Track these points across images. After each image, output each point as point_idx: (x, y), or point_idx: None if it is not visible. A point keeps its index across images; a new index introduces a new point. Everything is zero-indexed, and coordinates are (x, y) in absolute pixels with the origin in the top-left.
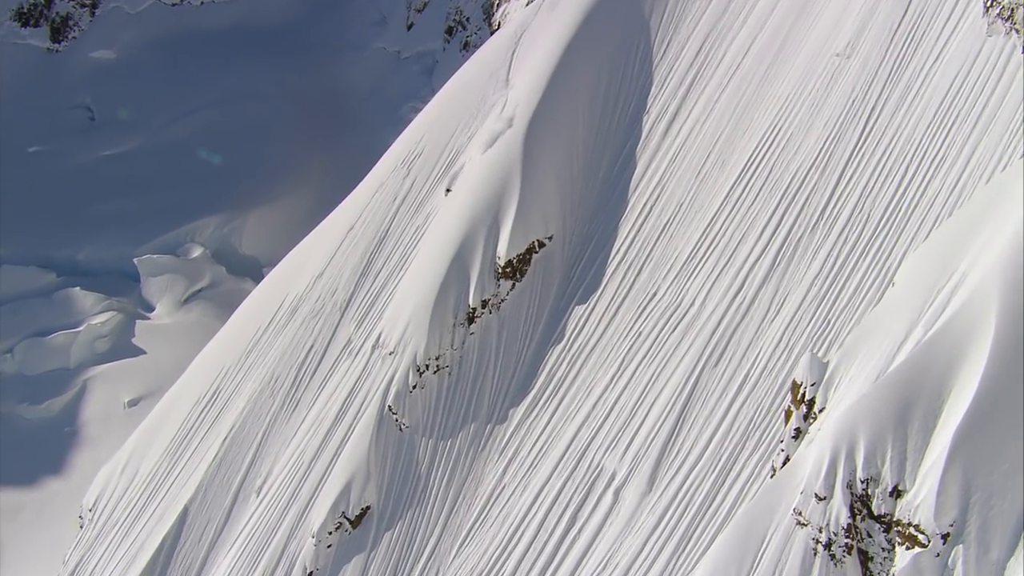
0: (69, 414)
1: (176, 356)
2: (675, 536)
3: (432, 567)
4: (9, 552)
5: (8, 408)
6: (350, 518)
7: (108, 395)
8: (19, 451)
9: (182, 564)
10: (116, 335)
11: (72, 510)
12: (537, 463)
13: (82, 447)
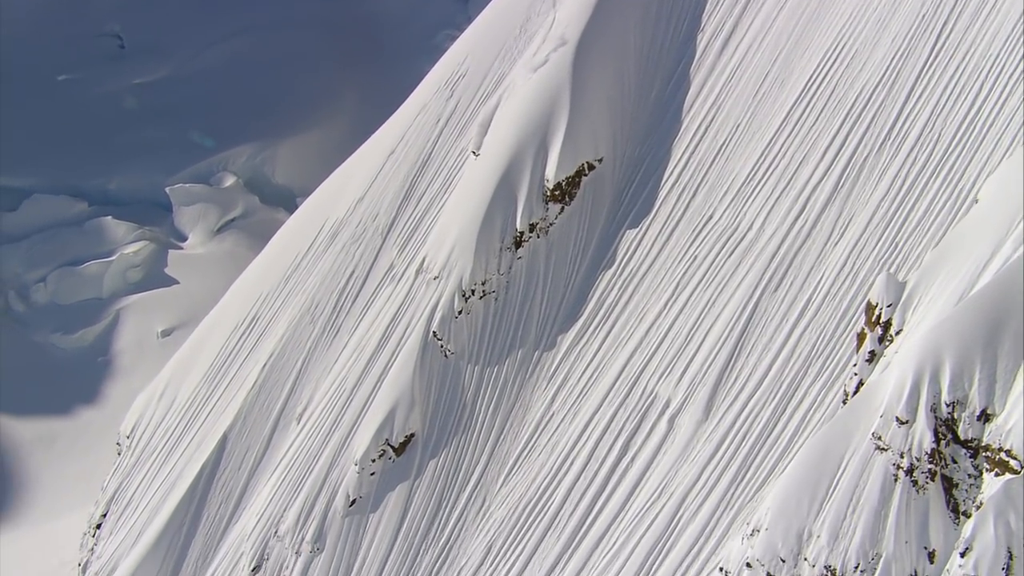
0: (102, 344)
1: (209, 286)
2: (733, 465)
3: (478, 495)
4: (44, 481)
5: (42, 338)
6: (394, 445)
7: (141, 325)
8: (53, 381)
9: (222, 491)
10: (149, 265)
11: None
12: (587, 390)
13: (115, 377)
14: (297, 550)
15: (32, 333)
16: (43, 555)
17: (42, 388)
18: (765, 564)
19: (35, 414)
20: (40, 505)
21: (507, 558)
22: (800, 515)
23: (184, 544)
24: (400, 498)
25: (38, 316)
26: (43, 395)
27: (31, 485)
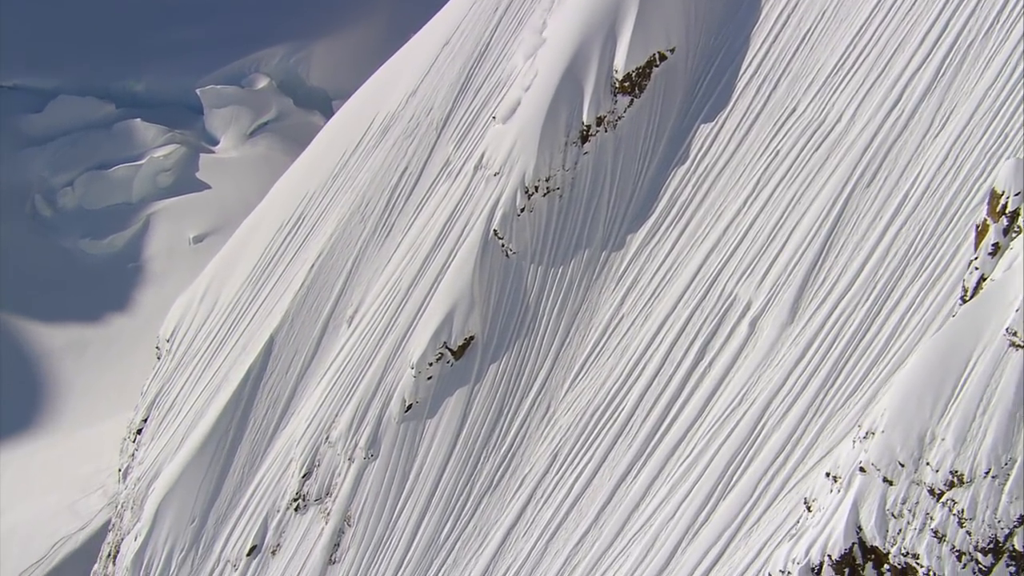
0: (133, 250)
1: (242, 191)
2: (823, 370)
3: (542, 401)
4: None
5: (70, 243)
6: (452, 349)
7: (172, 230)
8: (83, 287)
9: (269, 395)
10: (179, 169)
11: (139, 347)
12: (660, 292)
13: (147, 283)
14: (350, 456)
15: (60, 238)
16: (76, 463)
17: (71, 295)
18: (881, 469)
19: (65, 321)
20: (72, 413)
21: (574, 466)
22: (922, 416)
23: (230, 450)
24: (459, 403)
25: (66, 221)
26: (73, 302)
27: (62, 393)
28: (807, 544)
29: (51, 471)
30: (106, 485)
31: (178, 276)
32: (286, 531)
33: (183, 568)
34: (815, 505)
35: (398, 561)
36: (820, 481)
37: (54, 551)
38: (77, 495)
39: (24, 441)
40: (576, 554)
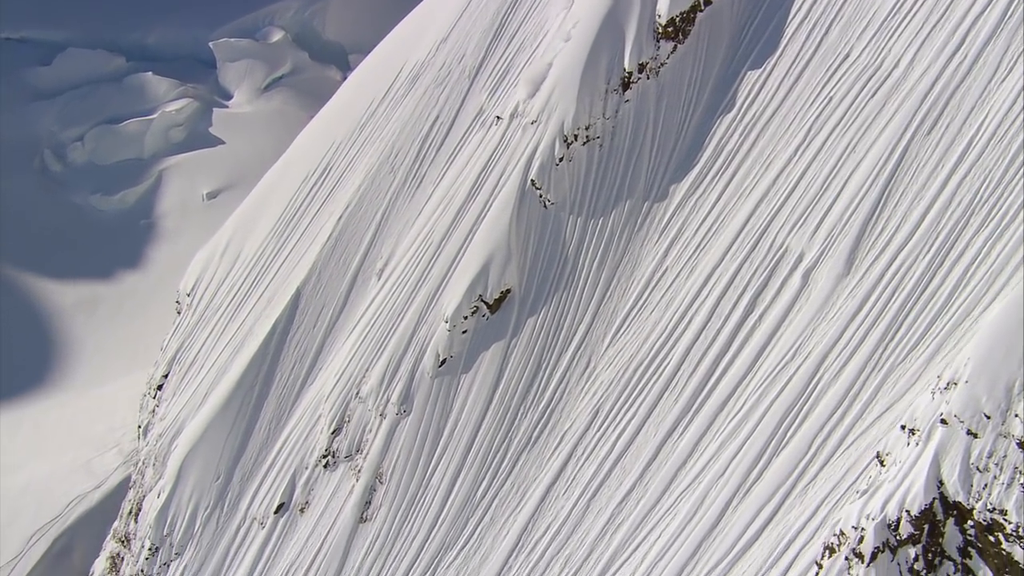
0: (144, 206)
1: (257, 146)
2: (881, 323)
3: (582, 356)
4: (88, 347)
5: (81, 199)
6: (488, 302)
7: (185, 186)
8: (93, 244)
9: (296, 349)
10: (192, 123)
11: (152, 304)
12: (706, 244)
13: (159, 240)
14: (382, 412)
15: (70, 194)
16: (90, 421)
17: (82, 252)
18: (965, 420)
19: (76, 278)
20: (84, 372)
21: (617, 422)
22: (1010, 366)
23: (256, 405)
24: (495, 358)
25: (76, 176)
26: (84, 259)
27: (74, 351)
28: (883, 499)
29: (64, 429)
30: (120, 443)
31: (192, 233)
32: (315, 489)
33: (208, 526)
34: (889, 459)
35: (432, 519)
36: (894, 435)
37: (69, 509)
38: (91, 453)
39: (36, 399)
40: (620, 512)
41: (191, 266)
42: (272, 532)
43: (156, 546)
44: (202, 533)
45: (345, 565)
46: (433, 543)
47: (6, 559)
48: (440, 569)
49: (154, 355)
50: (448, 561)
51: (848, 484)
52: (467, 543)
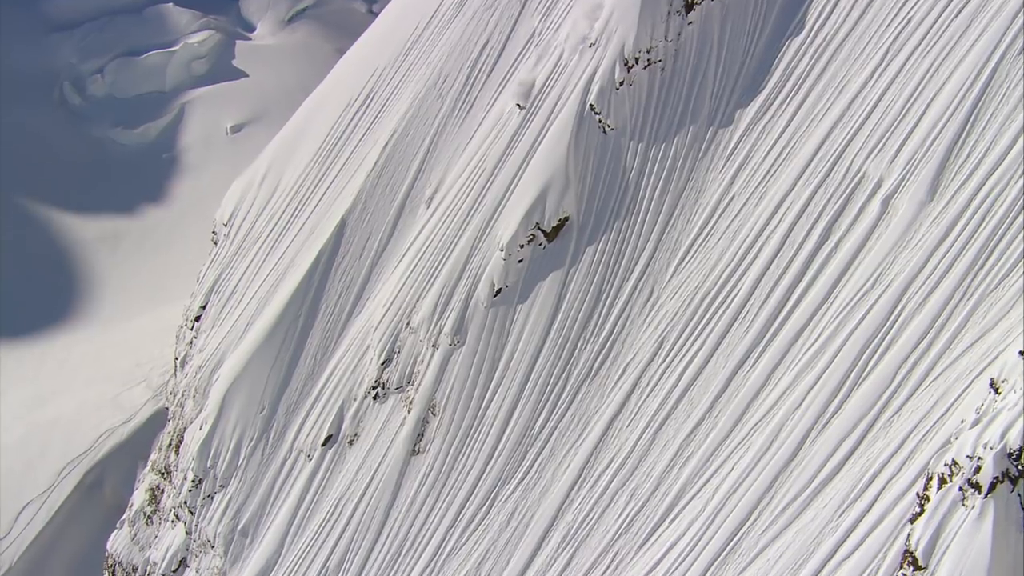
0: (167, 140)
1: (281, 79)
2: (970, 250)
3: (645, 285)
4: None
5: (101, 132)
6: (545, 230)
7: (208, 120)
8: (115, 178)
9: (341, 279)
10: (215, 56)
11: (176, 239)
12: (775, 170)
13: (182, 174)
14: (434, 343)
15: (90, 127)
16: (117, 355)
17: (103, 185)
18: None
19: (97, 212)
20: (108, 306)
21: (684, 353)
22: None
23: (301, 336)
24: (553, 287)
25: (96, 109)
26: (105, 193)
27: (97, 286)
28: (1002, 428)
29: (90, 364)
30: (149, 378)
31: (216, 167)
32: (364, 420)
33: (253, 457)
34: (1005, 386)
35: (489, 451)
36: (1011, 360)
37: (99, 443)
38: (120, 388)
39: (61, 334)
40: (688, 445)
41: (227, 196)
42: (320, 464)
43: (199, 478)
44: (247, 465)
45: (397, 497)
46: (490, 476)
47: (37, 492)
48: (498, 502)
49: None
50: (506, 494)
51: (938, 416)
52: (526, 476)
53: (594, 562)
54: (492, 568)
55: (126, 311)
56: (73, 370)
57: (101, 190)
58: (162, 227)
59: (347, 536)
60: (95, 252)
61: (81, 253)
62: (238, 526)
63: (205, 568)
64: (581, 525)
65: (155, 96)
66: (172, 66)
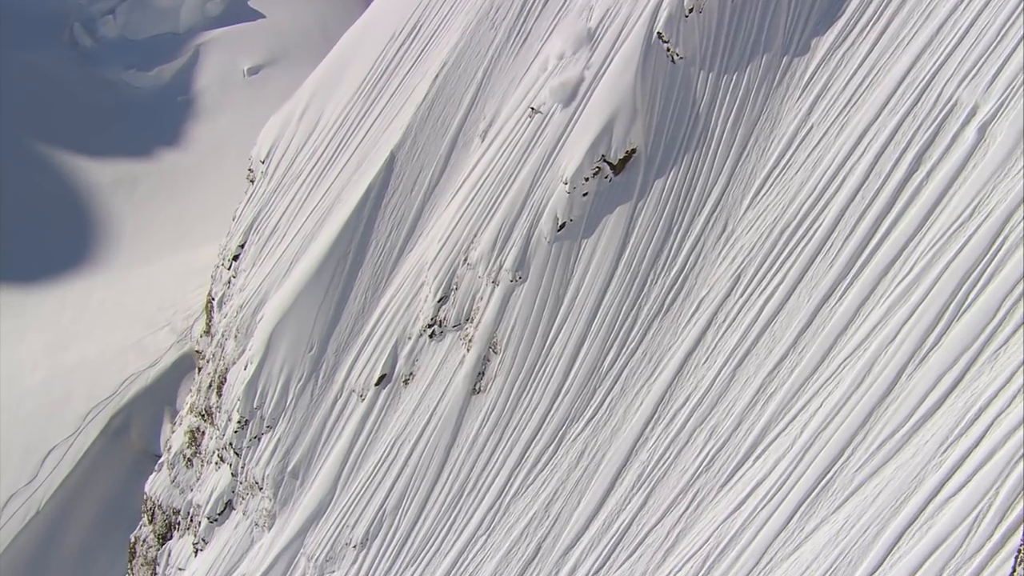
0: (182, 82)
1: (299, 20)
2: None
3: (718, 219)
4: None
5: (114, 75)
6: (612, 162)
7: (224, 62)
8: (129, 121)
9: (392, 215)
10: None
11: (194, 183)
12: (857, 100)
13: (199, 117)
14: (494, 279)
15: (102, 69)
16: (138, 300)
17: (118, 128)
18: None
19: (113, 156)
20: (127, 251)
21: (763, 287)
22: None
23: (350, 273)
24: (620, 221)
25: (108, 52)
26: (120, 136)
27: (115, 230)
28: None
29: (111, 309)
30: (172, 322)
31: (233, 109)
32: (420, 359)
33: (302, 397)
34: None
35: (555, 389)
36: None
37: (124, 387)
38: (143, 332)
39: (79, 279)
40: (771, 381)
41: (264, 132)
42: (373, 404)
43: (245, 419)
44: (295, 406)
45: (458, 437)
46: (556, 415)
47: (62, 437)
48: (565, 441)
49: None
50: (574, 433)
51: None
52: (595, 415)
53: (672, 501)
54: (562, 509)
55: (146, 256)
56: (94, 315)
57: (116, 133)
58: (180, 171)
59: (405, 477)
60: (111, 196)
61: (97, 197)
62: (287, 467)
63: (253, 510)
64: (657, 464)
65: (168, 37)
66: (186, 7)
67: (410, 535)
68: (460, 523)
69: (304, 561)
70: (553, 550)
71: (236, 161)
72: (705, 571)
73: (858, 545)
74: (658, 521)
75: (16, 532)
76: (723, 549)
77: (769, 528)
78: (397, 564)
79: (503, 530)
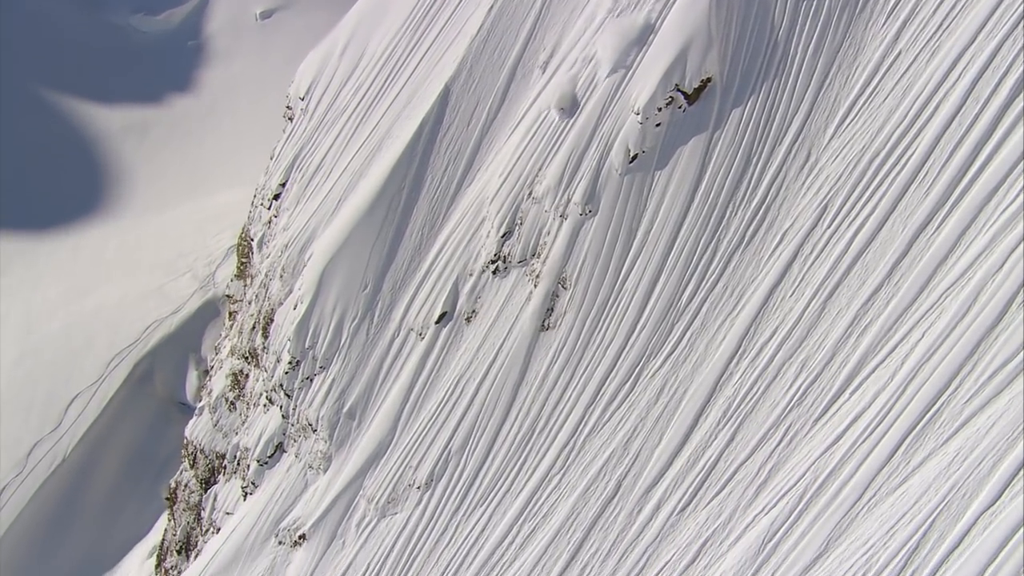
0: (191, 26)
1: None
2: None
3: (800, 149)
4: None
5: (120, 19)
6: (686, 92)
7: (235, 5)
8: (139, 66)
9: (448, 149)
10: None
11: (208, 129)
12: (949, 24)
13: (210, 62)
14: (562, 213)
15: (108, 14)
16: (156, 248)
17: (126, 74)
18: None
19: (122, 102)
20: (141, 198)
21: (852, 217)
22: None
23: (405, 209)
24: (696, 152)
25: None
26: (129, 82)
27: (127, 177)
28: None
29: (128, 256)
30: (194, 268)
31: (246, 54)
32: (483, 296)
33: (357, 336)
34: None
35: (630, 325)
36: None
37: (147, 334)
38: (163, 279)
39: (93, 226)
40: (866, 313)
41: (302, 69)
42: (434, 343)
43: (296, 360)
44: (350, 345)
45: (527, 375)
46: (632, 350)
47: (86, 384)
48: (643, 378)
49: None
50: (652, 369)
51: None
52: (674, 350)
53: (763, 437)
54: (642, 446)
55: (161, 203)
56: (110, 262)
57: (124, 79)
58: (192, 117)
59: (471, 416)
60: (122, 143)
61: (107, 144)
62: (343, 408)
63: (306, 452)
64: (744, 399)
65: None
66: None
67: (478, 475)
68: (532, 462)
69: (364, 503)
70: (635, 488)
71: (250, 107)
72: (803, 506)
73: (972, 478)
74: (748, 457)
75: (43, 480)
76: (822, 484)
77: (872, 462)
78: (465, 504)
79: (579, 468)
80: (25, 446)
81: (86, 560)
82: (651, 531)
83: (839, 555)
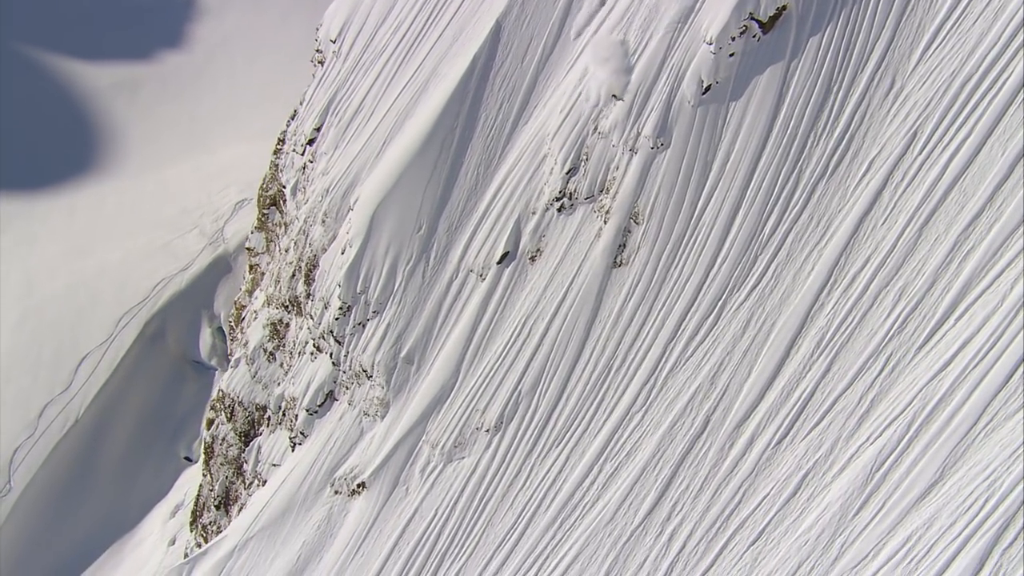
0: None
1: None
2: None
3: (884, 76)
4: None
5: None
6: (761, 20)
7: None
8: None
9: (502, 87)
10: None
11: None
12: None
13: (201, 17)
14: (632, 147)
15: None
16: (156, 205)
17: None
18: None
19: (109, 59)
20: (135, 156)
21: (945, 144)
22: None
23: (459, 149)
24: (772, 82)
25: None
26: (116, 39)
27: (119, 135)
28: None
29: (128, 214)
30: (200, 224)
31: (239, 7)
32: (548, 234)
33: (412, 279)
34: None
35: (709, 259)
36: None
37: (157, 292)
38: (169, 236)
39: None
40: (966, 239)
41: (331, 11)
42: (497, 283)
43: (348, 305)
44: (405, 288)
45: (600, 312)
46: (713, 284)
47: (95, 344)
48: (727, 312)
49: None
50: (736, 302)
51: None
52: (759, 283)
53: (862, 367)
54: (730, 380)
55: (157, 161)
56: (108, 221)
57: (111, 37)
58: (184, 73)
59: (541, 356)
60: (112, 101)
61: (97, 102)
62: (400, 353)
63: (360, 399)
64: (839, 329)
65: None
66: None
67: (552, 415)
68: (610, 400)
69: (428, 449)
70: (724, 423)
71: (245, 62)
72: (912, 434)
73: None
74: (847, 387)
75: (56, 441)
76: (931, 411)
77: (986, 387)
78: (539, 445)
79: (662, 405)
80: (35, 408)
81: (105, 522)
82: (745, 466)
83: (956, 482)
